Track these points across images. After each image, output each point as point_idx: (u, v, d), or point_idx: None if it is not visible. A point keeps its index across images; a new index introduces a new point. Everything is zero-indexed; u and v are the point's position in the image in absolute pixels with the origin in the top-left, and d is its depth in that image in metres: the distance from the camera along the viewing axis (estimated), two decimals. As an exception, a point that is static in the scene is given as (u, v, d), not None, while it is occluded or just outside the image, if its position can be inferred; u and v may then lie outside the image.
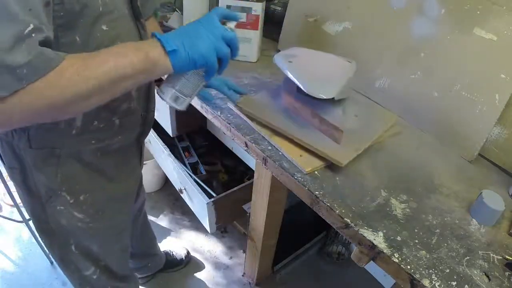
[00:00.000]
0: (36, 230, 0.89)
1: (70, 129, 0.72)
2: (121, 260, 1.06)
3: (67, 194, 0.79)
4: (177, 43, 0.59)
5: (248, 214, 1.34)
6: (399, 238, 0.72)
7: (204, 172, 1.63)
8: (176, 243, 1.74)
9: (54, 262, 1.58)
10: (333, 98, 0.88)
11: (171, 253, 1.64)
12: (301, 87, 0.88)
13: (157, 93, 0.72)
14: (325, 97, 0.87)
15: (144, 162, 1.27)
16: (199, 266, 1.66)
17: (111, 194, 0.88)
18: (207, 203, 1.34)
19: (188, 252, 1.65)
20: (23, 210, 1.66)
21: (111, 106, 0.74)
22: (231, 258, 1.69)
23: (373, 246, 0.71)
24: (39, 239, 1.56)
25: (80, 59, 0.54)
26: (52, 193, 0.79)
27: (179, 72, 0.62)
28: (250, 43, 1.26)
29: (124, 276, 1.08)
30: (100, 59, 0.55)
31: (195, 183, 1.44)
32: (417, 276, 0.65)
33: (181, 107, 0.71)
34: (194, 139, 1.81)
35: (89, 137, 0.75)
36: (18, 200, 1.78)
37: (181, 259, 1.62)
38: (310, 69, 0.95)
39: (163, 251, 1.61)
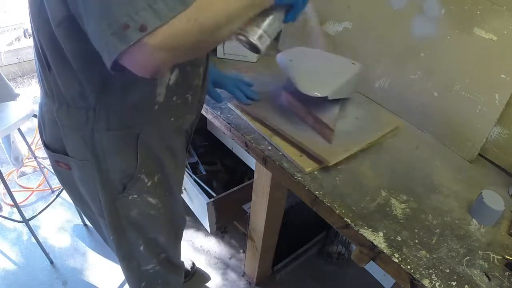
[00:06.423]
0: (108, 229, 0.85)
1: (152, 105, 0.73)
2: (178, 250, 1.09)
3: (146, 176, 0.80)
4: None
5: (248, 214, 1.34)
6: (399, 238, 0.72)
7: (204, 172, 1.63)
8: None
9: (54, 262, 1.59)
10: (327, 97, 0.88)
11: None
12: (296, 85, 0.89)
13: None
14: (319, 95, 0.87)
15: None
16: (199, 266, 1.66)
17: (176, 176, 0.90)
18: (207, 203, 1.34)
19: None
20: (23, 210, 1.67)
21: (187, 82, 0.77)
22: (231, 258, 1.69)
23: (373, 246, 0.71)
24: (40, 242, 1.56)
25: None
26: (128, 180, 0.78)
27: (278, 3, 0.66)
28: (250, 43, 1.26)
29: (176, 268, 1.09)
30: None
31: (195, 183, 1.44)
32: (417, 276, 0.65)
33: (263, 46, 0.73)
34: (194, 139, 1.81)
35: (169, 114, 0.78)
36: (18, 200, 1.80)
37: (187, 272, 1.57)
38: (310, 68, 0.96)
39: None
